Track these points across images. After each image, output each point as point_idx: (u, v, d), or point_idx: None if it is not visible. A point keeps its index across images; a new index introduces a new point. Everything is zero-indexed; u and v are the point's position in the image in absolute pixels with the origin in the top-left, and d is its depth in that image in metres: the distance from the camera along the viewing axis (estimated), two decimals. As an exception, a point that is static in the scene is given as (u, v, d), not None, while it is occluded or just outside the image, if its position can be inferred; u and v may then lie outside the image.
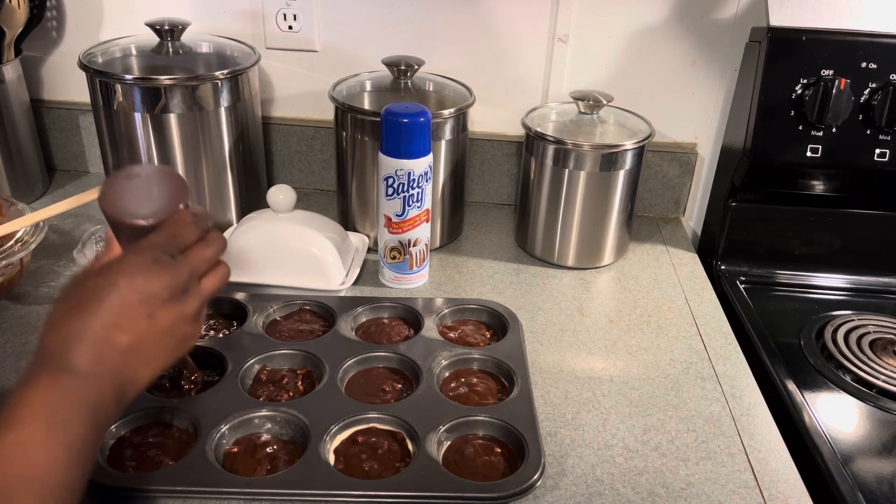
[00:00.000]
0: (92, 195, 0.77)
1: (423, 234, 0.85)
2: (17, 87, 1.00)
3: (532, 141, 0.91)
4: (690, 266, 0.97)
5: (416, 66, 0.92)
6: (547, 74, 1.03)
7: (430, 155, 0.81)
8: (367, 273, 0.90)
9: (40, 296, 0.83)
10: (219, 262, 0.55)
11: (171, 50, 0.92)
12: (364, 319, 0.81)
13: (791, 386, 0.76)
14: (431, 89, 0.95)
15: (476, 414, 0.66)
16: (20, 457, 0.42)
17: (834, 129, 0.87)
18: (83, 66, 0.87)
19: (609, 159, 0.87)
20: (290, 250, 0.84)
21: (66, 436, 0.43)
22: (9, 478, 0.41)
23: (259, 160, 1.02)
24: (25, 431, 0.42)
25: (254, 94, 0.96)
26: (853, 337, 0.84)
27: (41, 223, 0.79)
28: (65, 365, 0.45)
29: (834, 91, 0.84)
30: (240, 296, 0.82)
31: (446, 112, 0.88)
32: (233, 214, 0.98)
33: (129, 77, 0.86)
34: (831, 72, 0.85)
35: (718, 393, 0.73)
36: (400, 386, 0.71)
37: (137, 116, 0.87)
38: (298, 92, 1.07)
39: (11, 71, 0.98)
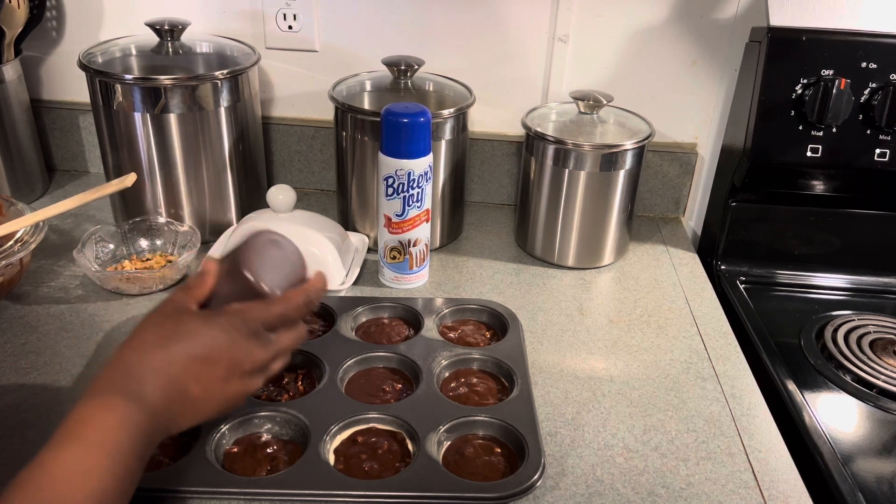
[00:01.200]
0: (91, 195, 0.77)
1: (423, 234, 0.85)
2: (17, 87, 1.00)
3: (532, 141, 0.91)
4: (690, 266, 0.97)
5: (416, 66, 0.92)
6: (547, 74, 1.03)
7: (430, 155, 0.81)
8: (367, 273, 0.90)
9: (40, 296, 0.83)
10: None
11: (170, 50, 0.92)
12: (364, 319, 0.81)
13: (791, 386, 0.76)
14: (431, 89, 0.95)
15: (476, 414, 0.66)
16: (80, 481, 0.43)
17: (834, 129, 0.87)
18: (83, 66, 0.87)
19: (609, 159, 0.87)
20: (290, 250, 0.84)
21: (122, 467, 0.44)
22: (65, 498, 0.42)
23: (259, 160, 1.02)
24: (87, 453, 0.43)
25: (254, 94, 0.96)
26: (853, 337, 0.84)
27: (41, 223, 0.80)
28: (139, 394, 0.47)
29: (834, 91, 0.84)
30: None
31: (446, 112, 0.88)
32: (233, 214, 0.98)
33: (129, 77, 0.86)
34: (831, 72, 0.85)
35: (718, 393, 0.73)
36: (400, 386, 0.71)
37: (137, 116, 0.87)
38: (298, 92, 1.07)
39: (11, 71, 0.98)
